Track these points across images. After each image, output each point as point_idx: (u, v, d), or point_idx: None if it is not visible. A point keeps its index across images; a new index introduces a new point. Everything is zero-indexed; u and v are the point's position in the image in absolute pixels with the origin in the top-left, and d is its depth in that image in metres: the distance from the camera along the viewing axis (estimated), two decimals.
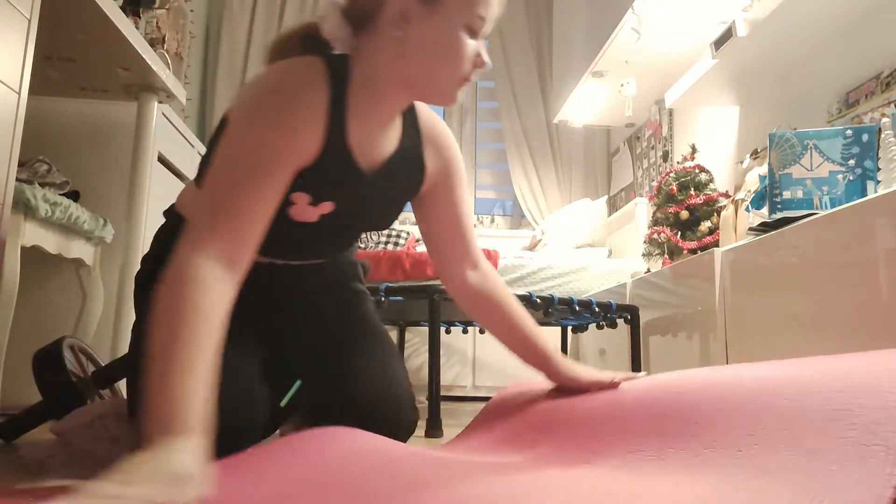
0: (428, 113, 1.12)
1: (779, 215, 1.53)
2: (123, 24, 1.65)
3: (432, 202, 1.13)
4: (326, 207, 0.99)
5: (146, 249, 1.98)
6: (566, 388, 1.09)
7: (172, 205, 1.16)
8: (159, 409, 0.68)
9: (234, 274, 0.82)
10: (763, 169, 1.94)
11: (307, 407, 1.18)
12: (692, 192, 2.27)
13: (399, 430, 1.13)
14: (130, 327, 1.98)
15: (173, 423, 0.67)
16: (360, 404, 1.11)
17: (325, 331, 1.18)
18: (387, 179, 1.04)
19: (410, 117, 1.09)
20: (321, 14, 0.99)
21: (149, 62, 1.83)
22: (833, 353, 1.26)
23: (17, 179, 1.44)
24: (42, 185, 1.68)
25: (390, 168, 1.04)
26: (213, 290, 0.78)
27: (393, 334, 2.84)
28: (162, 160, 2.24)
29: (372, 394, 1.12)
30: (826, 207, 1.50)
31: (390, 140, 1.04)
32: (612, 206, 3.99)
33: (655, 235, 2.35)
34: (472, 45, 0.95)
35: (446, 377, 3.07)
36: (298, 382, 1.25)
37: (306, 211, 1.00)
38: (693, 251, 2.14)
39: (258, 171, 0.86)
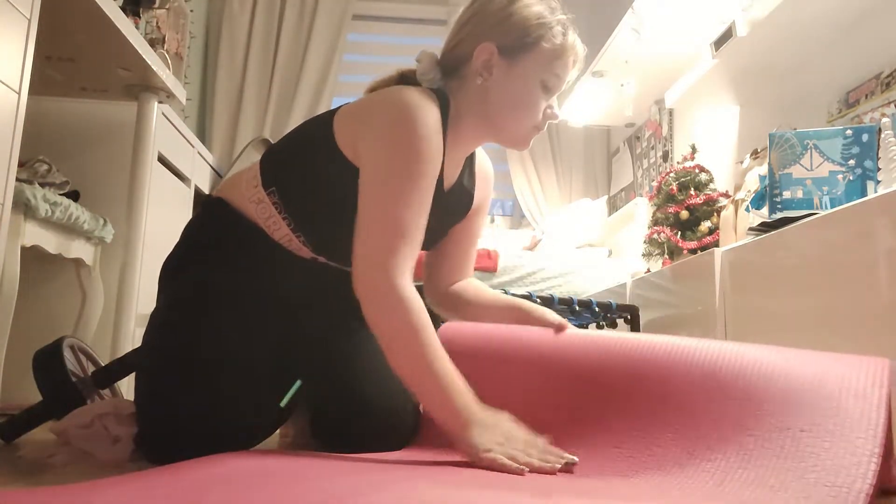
0: (483, 155, 1.28)
1: (779, 215, 1.53)
2: (123, 24, 1.65)
3: (457, 227, 1.26)
4: None
5: (146, 249, 2.00)
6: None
7: (209, 197, 1.19)
8: (458, 398, 0.90)
9: None
10: (763, 169, 1.94)
11: (313, 406, 1.18)
12: (692, 192, 2.27)
13: (401, 432, 1.14)
14: (132, 327, 1.98)
15: (473, 405, 0.90)
16: (367, 406, 1.12)
17: (339, 331, 1.18)
18: (450, 203, 1.16)
19: (470, 156, 1.21)
20: (417, 59, 1.13)
21: (149, 62, 1.83)
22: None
23: (17, 179, 1.44)
24: (42, 185, 1.68)
25: (453, 194, 1.17)
26: (422, 305, 0.94)
27: None
28: (162, 160, 2.24)
29: (378, 397, 1.12)
30: (826, 207, 1.50)
31: (457, 170, 1.17)
32: (612, 206, 3.99)
33: (655, 235, 2.35)
34: (545, 98, 1.11)
35: None
36: (298, 383, 1.25)
37: None
38: (693, 251, 2.14)
39: (424, 197, 0.98)
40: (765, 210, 1.67)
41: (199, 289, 1.07)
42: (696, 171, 2.33)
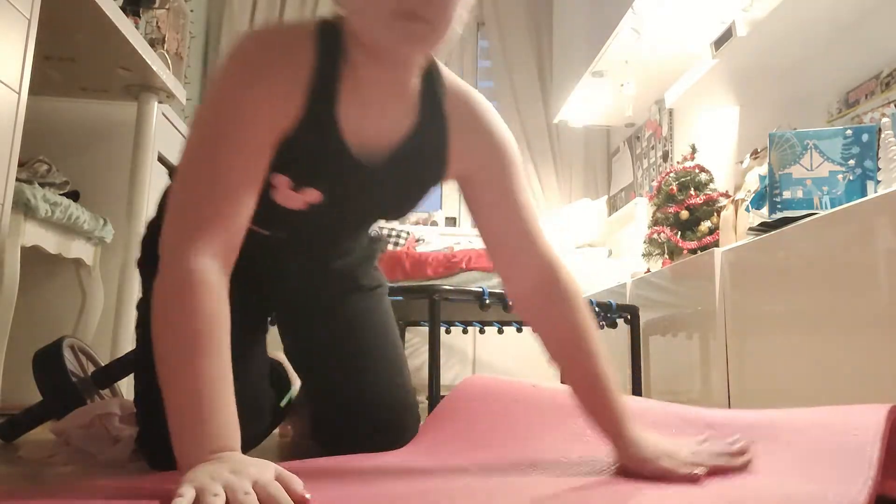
0: (460, 93, 0.92)
1: (779, 215, 1.53)
2: (123, 24, 1.65)
3: (477, 189, 0.94)
4: (312, 196, 0.88)
5: None
6: (629, 469, 0.81)
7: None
8: (207, 425, 0.63)
9: (230, 265, 0.74)
10: (763, 169, 1.94)
11: (311, 407, 1.18)
12: (692, 192, 2.27)
13: (401, 432, 1.14)
14: (132, 327, 1.97)
15: (219, 442, 0.62)
16: (363, 406, 1.11)
17: (335, 328, 1.16)
18: (395, 169, 0.89)
19: (431, 98, 0.89)
20: None
21: (149, 62, 1.83)
22: (831, 353, 1.26)
23: (17, 179, 1.44)
24: (42, 185, 1.68)
25: (400, 156, 0.88)
26: (219, 291, 0.70)
27: None
28: (162, 160, 2.24)
29: (376, 398, 1.12)
30: (826, 207, 1.50)
31: (400, 123, 0.88)
32: (612, 206, 3.99)
33: (655, 235, 2.35)
34: None
35: (446, 377, 3.06)
36: (296, 386, 1.25)
37: (290, 197, 0.87)
38: (693, 251, 2.14)
39: (237, 140, 0.75)
40: (765, 210, 1.67)
41: None
42: (696, 171, 2.33)
